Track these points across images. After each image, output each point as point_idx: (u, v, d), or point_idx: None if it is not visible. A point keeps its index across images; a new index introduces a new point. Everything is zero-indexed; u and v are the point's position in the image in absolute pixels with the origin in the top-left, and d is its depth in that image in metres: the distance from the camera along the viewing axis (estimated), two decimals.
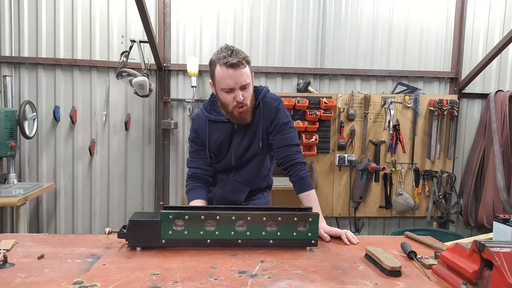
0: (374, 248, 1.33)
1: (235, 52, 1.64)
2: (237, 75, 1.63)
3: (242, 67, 1.63)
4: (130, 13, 3.53)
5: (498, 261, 0.99)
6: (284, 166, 1.80)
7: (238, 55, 1.64)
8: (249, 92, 1.70)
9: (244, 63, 1.65)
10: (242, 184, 1.89)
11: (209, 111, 1.86)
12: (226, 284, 1.10)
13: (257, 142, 1.82)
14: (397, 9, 3.78)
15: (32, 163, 3.57)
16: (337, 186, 3.73)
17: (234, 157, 1.85)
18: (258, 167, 1.89)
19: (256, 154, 1.85)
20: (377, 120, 3.70)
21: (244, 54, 1.68)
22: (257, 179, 1.92)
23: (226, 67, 1.62)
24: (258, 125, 1.80)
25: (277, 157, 1.83)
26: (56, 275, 1.13)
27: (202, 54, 3.64)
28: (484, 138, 3.80)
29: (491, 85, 3.91)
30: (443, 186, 3.79)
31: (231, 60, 1.61)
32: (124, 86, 3.51)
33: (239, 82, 1.64)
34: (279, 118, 1.80)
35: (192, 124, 1.91)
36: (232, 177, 1.90)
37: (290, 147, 1.79)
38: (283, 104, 1.85)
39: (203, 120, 1.86)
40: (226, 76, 1.63)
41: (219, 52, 1.66)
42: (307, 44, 3.73)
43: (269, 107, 1.80)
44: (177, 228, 1.36)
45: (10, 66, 3.48)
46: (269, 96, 1.83)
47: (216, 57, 1.66)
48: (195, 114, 1.91)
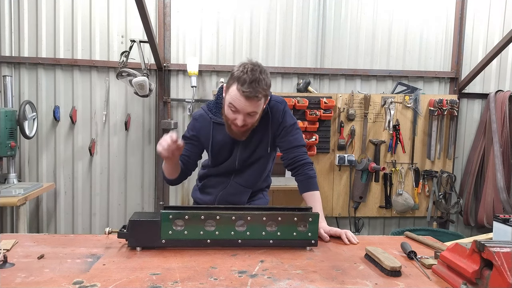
0: (374, 248, 1.34)
1: (257, 83, 1.55)
2: (247, 105, 1.57)
3: (256, 100, 1.57)
4: (130, 13, 3.53)
5: (498, 261, 0.99)
6: (292, 167, 1.81)
7: (258, 87, 1.55)
8: (254, 118, 1.65)
9: (261, 97, 1.58)
10: (244, 186, 1.87)
11: (214, 113, 1.81)
12: (226, 284, 1.10)
13: (264, 146, 1.80)
14: (397, 9, 3.78)
15: (32, 163, 3.57)
16: (337, 186, 3.73)
17: (239, 160, 1.82)
18: (262, 169, 1.88)
19: (261, 157, 1.84)
20: (377, 120, 3.70)
21: (265, 85, 1.59)
22: (259, 180, 1.91)
23: (240, 93, 1.55)
24: (266, 129, 1.78)
25: (285, 158, 1.82)
26: (56, 275, 1.13)
27: (202, 54, 3.64)
28: (484, 138, 3.80)
29: (491, 85, 3.91)
30: (443, 186, 3.79)
31: (249, 92, 1.54)
32: (124, 86, 3.51)
33: (246, 110, 1.59)
34: (286, 121, 1.79)
35: (193, 122, 1.86)
36: (233, 179, 1.88)
37: (298, 148, 1.80)
38: (288, 106, 1.84)
39: (207, 121, 1.82)
40: (237, 99, 1.57)
41: (243, 71, 1.56)
42: (307, 44, 3.73)
43: (277, 111, 1.78)
44: (177, 228, 1.36)
45: (10, 66, 3.48)
46: (274, 99, 1.79)
47: (238, 75, 1.57)
48: (198, 114, 1.85)
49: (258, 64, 1.61)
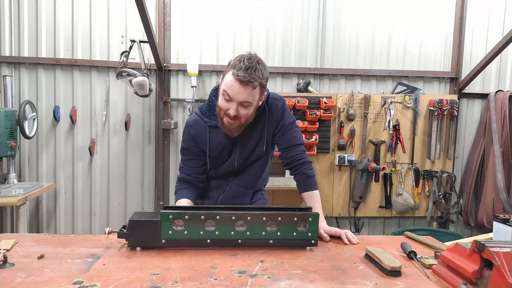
0: (374, 248, 1.33)
1: (253, 70, 1.52)
2: (241, 91, 1.53)
3: (250, 86, 1.53)
4: (130, 13, 3.53)
5: (498, 261, 0.99)
6: (290, 166, 1.80)
7: (254, 74, 1.52)
8: (247, 110, 1.60)
9: (256, 85, 1.54)
10: (244, 188, 1.85)
11: (208, 116, 1.76)
12: (226, 284, 1.10)
13: (261, 145, 1.77)
14: (397, 9, 3.78)
15: (32, 163, 3.57)
16: (337, 186, 3.73)
17: (238, 161, 1.79)
18: (261, 169, 1.86)
19: (260, 157, 1.81)
20: (377, 120, 3.70)
21: (262, 75, 1.55)
22: (259, 180, 1.89)
23: (235, 79, 1.52)
24: (264, 127, 1.75)
25: (284, 157, 1.81)
26: (56, 275, 1.13)
27: (202, 54, 3.64)
28: (484, 138, 3.80)
29: (491, 85, 3.91)
30: (443, 186, 3.79)
31: (243, 76, 1.50)
32: (124, 86, 3.51)
33: (239, 98, 1.54)
34: (285, 119, 1.77)
35: (188, 130, 1.79)
36: (232, 181, 1.84)
37: (296, 146, 1.79)
38: (286, 103, 1.81)
39: (202, 125, 1.77)
40: (231, 86, 1.53)
41: (240, 60, 1.54)
42: (307, 44, 3.73)
43: (275, 109, 1.75)
44: (177, 228, 1.36)
45: (10, 66, 3.48)
46: (272, 96, 1.77)
47: (234, 63, 1.55)
48: (192, 120, 1.80)
49: (256, 55, 1.59)
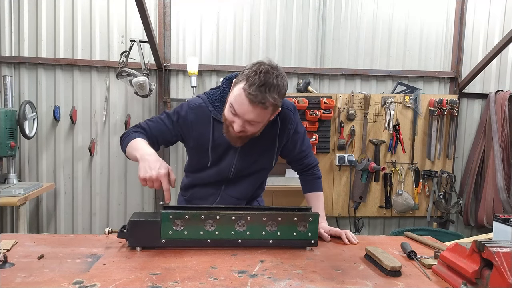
0: (374, 248, 1.33)
1: (268, 88, 1.31)
2: (249, 110, 1.35)
3: (261, 107, 1.34)
4: (130, 13, 3.53)
5: (498, 261, 0.99)
6: (303, 170, 1.77)
7: (268, 93, 1.32)
8: (254, 128, 1.42)
9: (268, 106, 1.34)
10: (237, 199, 1.67)
11: (216, 107, 1.54)
12: (226, 284, 1.10)
13: (269, 157, 1.63)
14: (397, 9, 3.78)
15: (32, 163, 3.57)
16: (337, 186, 3.73)
17: (235, 168, 1.60)
18: (259, 181, 1.73)
19: (263, 169, 1.67)
20: (377, 120, 3.70)
21: (277, 93, 1.35)
22: (256, 190, 1.75)
23: (244, 94, 1.33)
24: (275, 139, 1.59)
25: (297, 163, 1.76)
26: (56, 275, 1.13)
27: (202, 54, 3.64)
28: (484, 138, 3.80)
29: (491, 85, 3.91)
30: (443, 186, 3.79)
31: (254, 96, 1.31)
32: (124, 86, 3.51)
33: (246, 117, 1.37)
34: (299, 131, 1.67)
35: (186, 110, 1.55)
36: (224, 191, 1.66)
37: (308, 153, 1.75)
38: (297, 111, 1.67)
39: (205, 114, 1.54)
40: (239, 100, 1.35)
41: (256, 72, 1.33)
42: (307, 44, 3.73)
43: (289, 122, 1.60)
44: (177, 228, 1.36)
45: (10, 66, 3.48)
46: (286, 106, 1.58)
47: (248, 74, 1.34)
48: (195, 104, 1.56)
49: (277, 68, 1.37)
